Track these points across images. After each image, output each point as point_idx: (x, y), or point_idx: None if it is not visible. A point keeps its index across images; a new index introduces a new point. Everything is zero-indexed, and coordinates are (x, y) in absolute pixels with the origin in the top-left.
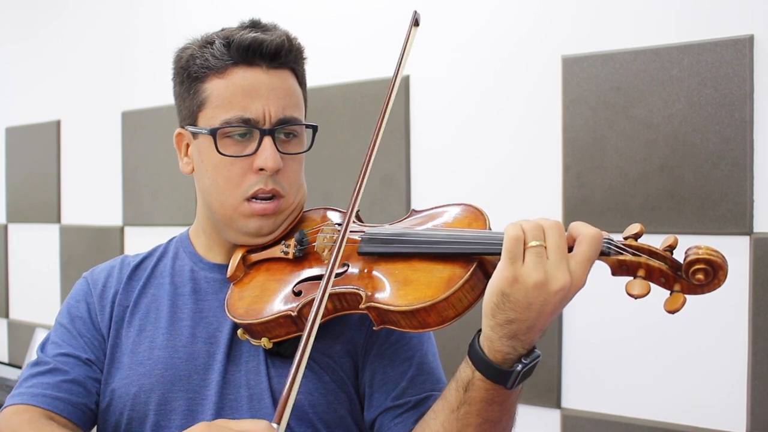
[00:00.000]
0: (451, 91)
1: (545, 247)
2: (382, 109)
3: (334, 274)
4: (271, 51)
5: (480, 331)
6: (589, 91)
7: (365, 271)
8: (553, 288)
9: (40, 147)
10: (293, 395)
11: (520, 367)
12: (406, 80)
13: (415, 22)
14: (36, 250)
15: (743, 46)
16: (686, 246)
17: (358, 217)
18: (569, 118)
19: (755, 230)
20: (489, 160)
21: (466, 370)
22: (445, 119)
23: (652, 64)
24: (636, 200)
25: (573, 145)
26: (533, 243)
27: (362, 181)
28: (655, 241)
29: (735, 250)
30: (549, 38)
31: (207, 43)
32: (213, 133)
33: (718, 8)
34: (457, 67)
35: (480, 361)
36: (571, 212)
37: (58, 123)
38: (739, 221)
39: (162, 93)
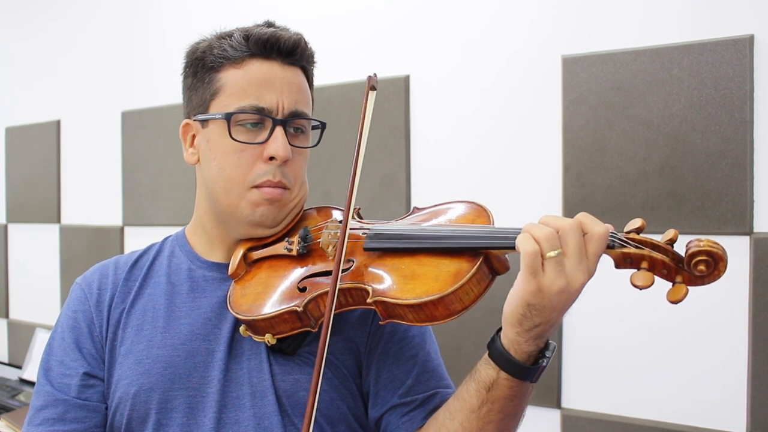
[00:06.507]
0: (451, 92)
1: (564, 253)
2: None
3: (341, 272)
4: (288, 47)
5: (498, 332)
6: (589, 91)
7: (371, 266)
8: (574, 288)
9: (40, 147)
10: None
11: (545, 362)
12: (406, 80)
13: (372, 87)
14: (36, 250)
15: (743, 46)
16: (685, 242)
17: (358, 215)
18: (569, 118)
19: (755, 230)
20: (489, 161)
21: (488, 371)
22: (445, 119)
23: (653, 64)
24: (636, 200)
25: (573, 145)
26: (552, 254)
27: (354, 179)
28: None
29: (735, 250)
30: (549, 38)
31: (225, 35)
32: (228, 117)
33: (718, 8)
34: (457, 67)
35: (506, 362)
36: (571, 212)
37: (58, 123)
38: (739, 221)
39: (162, 93)
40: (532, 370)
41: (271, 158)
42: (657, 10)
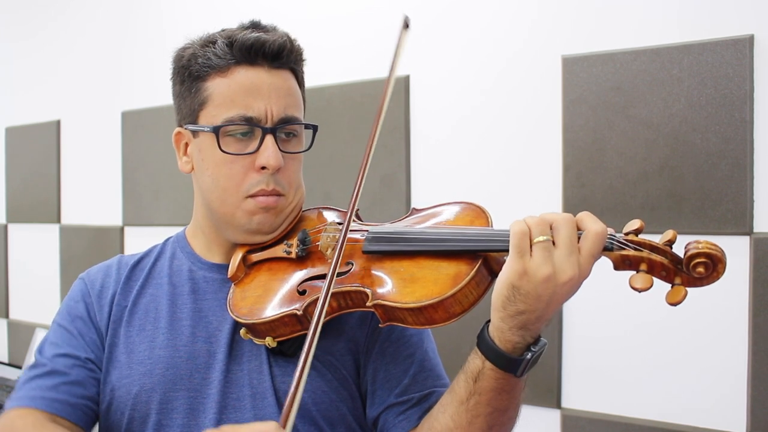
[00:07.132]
0: (451, 92)
1: (553, 242)
2: (378, 112)
3: (336, 273)
4: (273, 51)
5: (488, 322)
6: (589, 91)
7: (370, 269)
8: (561, 280)
9: (40, 147)
10: (299, 396)
11: (529, 355)
12: (406, 80)
13: (405, 25)
14: (36, 250)
15: (743, 46)
16: (684, 243)
17: (358, 216)
18: (569, 118)
19: (755, 230)
20: (489, 161)
21: (475, 360)
22: (445, 119)
23: (653, 64)
24: (636, 200)
25: (573, 145)
26: (540, 238)
27: (361, 180)
28: (654, 240)
29: (735, 250)
30: (549, 38)
31: (209, 42)
32: (216, 130)
33: (718, 8)
34: (457, 67)
35: (490, 351)
36: (571, 212)
37: (58, 123)
38: (739, 221)
39: (162, 93)
40: (516, 361)
41: (263, 168)
42: (657, 10)
